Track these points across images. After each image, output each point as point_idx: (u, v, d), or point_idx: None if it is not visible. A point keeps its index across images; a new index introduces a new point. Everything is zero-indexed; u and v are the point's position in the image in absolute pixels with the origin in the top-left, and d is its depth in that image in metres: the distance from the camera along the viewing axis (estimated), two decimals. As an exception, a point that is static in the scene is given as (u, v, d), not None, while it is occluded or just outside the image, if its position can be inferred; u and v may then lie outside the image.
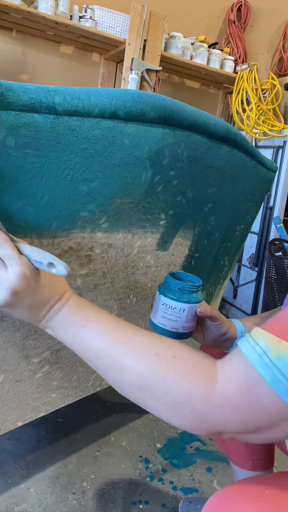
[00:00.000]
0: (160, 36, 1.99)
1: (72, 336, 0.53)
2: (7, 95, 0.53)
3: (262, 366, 0.43)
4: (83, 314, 0.54)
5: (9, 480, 1.10)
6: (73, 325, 0.53)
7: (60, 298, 0.55)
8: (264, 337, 0.45)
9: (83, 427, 1.34)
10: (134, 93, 0.67)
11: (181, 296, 0.70)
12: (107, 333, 0.52)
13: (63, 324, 0.54)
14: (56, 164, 0.62)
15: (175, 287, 0.70)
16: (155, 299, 0.74)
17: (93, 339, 0.52)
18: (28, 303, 0.52)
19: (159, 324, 0.72)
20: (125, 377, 0.49)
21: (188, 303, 0.70)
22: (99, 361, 0.51)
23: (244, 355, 0.45)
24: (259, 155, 0.99)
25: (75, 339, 0.53)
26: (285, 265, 1.87)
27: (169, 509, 1.07)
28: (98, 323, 0.53)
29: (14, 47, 1.99)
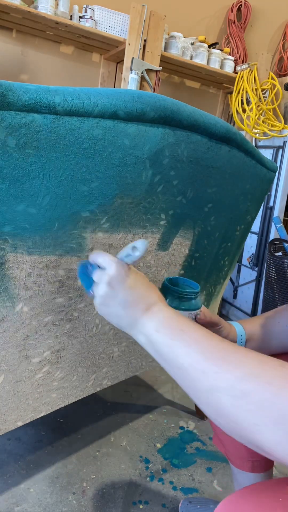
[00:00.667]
0: (160, 36, 1.99)
1: (169, 342, 0.49)
2: (7, 95, 0.53)
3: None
4: (180, 319, 0.52)
5: (9, 480, 1.10)
6: (172, 328, 0.50)
7: (156, 301, 0.55)
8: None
9: (83, 427, 1.34)
10: (134, 93, 0.67)
11: (180, 303, 0.68)
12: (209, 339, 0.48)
13: (161, 326, 0.51)
14: (56, 164, 0.62)
15: (174, 294, 0.68)
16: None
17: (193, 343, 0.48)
18: (123, 299, 0.54)
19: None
20: (225, 382, 0.43)
21: (188, 311, 0.69)
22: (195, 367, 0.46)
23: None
24: (259, 155, 0.99)
25: (172, 346, 0.49)
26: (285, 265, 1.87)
27: (169, 509, 1.07)
28: (195, 334, 0.49)
29: (14, 47, 1.99)
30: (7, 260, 0.65)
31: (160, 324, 0.51)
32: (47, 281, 0.72)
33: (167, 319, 0.52)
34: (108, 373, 1.04)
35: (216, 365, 0.44)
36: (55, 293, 0.75)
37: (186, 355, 0.47)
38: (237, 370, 0.43)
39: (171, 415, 1.47)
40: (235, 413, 0.41)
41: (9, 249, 0.64)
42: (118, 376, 1.08)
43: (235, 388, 0.42)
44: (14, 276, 0.67)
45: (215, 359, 0.45)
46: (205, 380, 0.44)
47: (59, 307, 0.77)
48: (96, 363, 0.96)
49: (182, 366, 0.47)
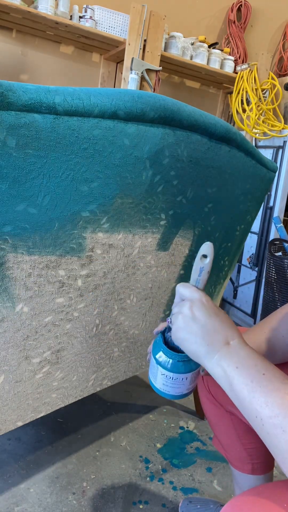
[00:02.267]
0: (160, 36, 1.99)
1: (247, 381, 0.48)
2: (7, 95, 0.53)
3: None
4: (262, 361, 0.49)
5: (9, 480, 1.10)
6: (249, 370, 0.49)
7: (238, 335, 0.53)
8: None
9: (83, 427, 1.34)
10: (134, 93, 0.67)
11: (181, 367, 0.62)
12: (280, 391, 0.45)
13: (240, 365, 0.49)
14: (57, 164, 0.62)
15: (173, 359, 0.62)
16: (151, 364, 0.66)
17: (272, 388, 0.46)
18: (204, 324, 0.53)
19: (161, 390, 0.65)
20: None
21: (190, 372, 0.63)
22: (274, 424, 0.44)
23: None
24: (259, 155, 0.99)
25: (251, 382, 0.48)
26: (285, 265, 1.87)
27: (169, 509, 1.07)
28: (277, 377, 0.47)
29: (14, 47, 1.99)
30: (7, 260, 0.65)
31: (241, 361, 0.50)
32: (47, 281, 0.72)
33: (249, 358, 0.50)
34: (108, 373, 1.04)
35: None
36: (55, 293, 0.75)
37: (265, 405, 0.45)
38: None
39: (171, 415, 1.47)
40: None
41: (9, 249, 0.64)
42: (118, 376, 1.08)
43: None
44: (14, 276, 0.67)
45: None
46: (284, 440, 0.42)
47: (59, 307, 0.77)
48: (96, 363, 0.96)
49: (260, 416, 0.45)
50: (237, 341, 0.52)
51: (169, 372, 0.62)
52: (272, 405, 0.44)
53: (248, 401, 0.47)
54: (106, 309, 0.88)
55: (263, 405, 0.45)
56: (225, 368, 0.50)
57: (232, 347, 0.52)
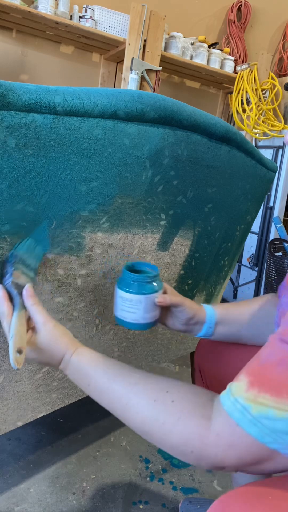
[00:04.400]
0: (160, 36, 1.99)
1: (85, 390, 0.61)
2: (7, 95, 0.53)
3: (246, 423, 0.46)
4: (85, 374, 0.60)
5: (9, 480, 1.10)
6: (81, 382, 0.61)
7: (60, 360, 0.62)
8: (242, 393, 0.47)
9: (83, 427, 1.34)
10: (134, 93, 0.67)
11: (136, 288, 0.70)
12: (109, 390, 0.57)
13: (74, 379, 0.62)
14: (56, 164, 0.62)
15: (129, 279, 0.70)
16: (114, 293, 0.74)
17: (100, 395, 0.58)
18: (38, 361, 0.62)
19: (120, 317, 0.72)
20: (132, 424, 0.55)
21: (144, 294, 0.70)
22: (111, 410, 0.57)
23: (227, 413, 0.48)
24: (259, 155, 0.99)
25: (88, 392, 0.60)
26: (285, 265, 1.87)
27: (169, 509, 1.07)
28: (98, 382, 0.59)
29: (14, 47, 1.99)
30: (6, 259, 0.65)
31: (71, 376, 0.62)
32: (45, 279, 0.72)
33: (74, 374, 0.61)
34: (108, 373, 1.04)
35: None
36: (54, 292, 0.75)
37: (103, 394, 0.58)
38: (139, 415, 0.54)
39: (171, 415, 1.46)
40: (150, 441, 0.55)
41: (8, 248, 0.64)
42: (118, 376, 1.08)
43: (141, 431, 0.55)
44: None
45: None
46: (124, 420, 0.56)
47: (58, 307, 0.77)
48: (96, 363, 0.96)
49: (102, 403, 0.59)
50: (62, 366, 0.62)
51: (125, 293, 0.70)
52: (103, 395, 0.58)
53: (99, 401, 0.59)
54: (106, 309, 0.88)
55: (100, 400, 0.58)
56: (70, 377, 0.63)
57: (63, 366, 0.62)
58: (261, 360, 0.49)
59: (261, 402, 0.45)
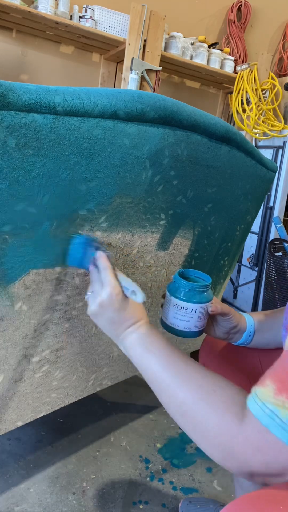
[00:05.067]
0: (160, 36, 1.99)
1: (139, 356, 0.61)
2: (7, 95, 0.53)
3: (275, 427, 0.46)
4: (151, 340, 0.62)
5: (9, 480, 1.10)
6: (141, 347, 0.62)
7: (136, 322, 0.64)
8: (269, 398, 0.47)
9: (83, 427, 1.34)
10: (134, 93, 0.67)
11: (192, 297, 0.71)
12: (164, 360, 0.59)
13: (134, 345, 0.63)
14: (56, 164, 0.62)
15: (185, 288, 0.71)
16: (166, 300, 0.74)
17: (153, 363, 0.59)
18: (110, 317, 0.63)
19: (171, 325, 0.73)
20: (172, 402, 0.56)
21: (200, 303, 0.71)
22: (155, 383, 0.59)
23: (256, 418, 0.48)
24: (259, 155, 0.99)
25: (141, 361, 0.61)
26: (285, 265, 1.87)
27: (169, 509, 1.07)
28: (159, 350, 0.60)
29: (14, 47, 1.99)
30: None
31: (134, 341, 0.63)
32: (45, 278, 0.72)
33: (141, 338, 0.63)
34: (108, 373, 1.04)
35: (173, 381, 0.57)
36: (53, 290, 0.75)
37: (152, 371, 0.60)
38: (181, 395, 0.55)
39: (171, 415, 1.46)
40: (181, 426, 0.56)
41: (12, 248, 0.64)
42: (118, 376, 1.08)
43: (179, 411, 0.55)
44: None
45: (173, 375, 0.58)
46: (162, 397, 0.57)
47: (57, 305, 0.77)
48: (96, 363, 0.97)
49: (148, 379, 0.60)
50: (135, 326, 0.64)
51: (180, 301, 0.71)
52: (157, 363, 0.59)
53: (144, 372, 0.60)
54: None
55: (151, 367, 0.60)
56: (124, 347, 0.64)
57: (130, 331, 0.64)
58: (286, 367, 0.49)
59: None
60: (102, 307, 0.63)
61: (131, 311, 0.64)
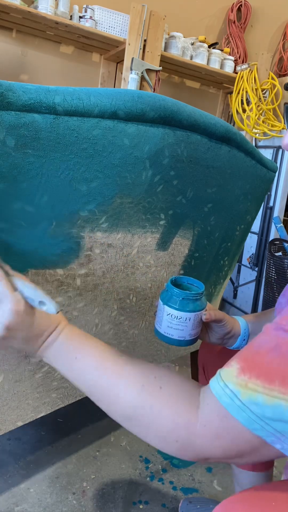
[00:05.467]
0: (160, 36, 1.99)
1: (67, 367, 0.56)
2: (7, 95, 0.53)
3: (235, 409, 0.45)
4: (76, 346, 0.56)
5: (9, 480, 1.10)
6: (66, 357, 0.56)
7: (53, 330, 0.56)
8: (232, 378, 0.46)
9: (83, 427, 1.34)
10: (134, 93, 0.67)
11: (185, 305, 0.69)
12: (98, 365, 0.54)
13: (58, 356, 0.56)
14: (56, 164, 0.62)
15: (178, 296, 0.69)
16: (158, 308, 0.73)
17: (85, 371, 0.54)
18: (23, 336, 0.54)
19: (165, 334, 0.71)
20: (115, 407, 0.52)
21: (194, 312, 0.69)
22: (92, 391, 0.54)
23: (216, 398, 0.47)
24: (259, 155, 0.99)
25: (70, 370, 0.56)
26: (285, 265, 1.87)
27: (169, 509, 1.07)
28: (89, 355, 0.55)
29: (14, 47, 1.99)
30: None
31: (54, 354, 0.56)
32: (45, 279, 0.72)
33: (61, 347, 0.56)
34: (108, 373, 1.03)
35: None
36: (54, 292, 0.75)
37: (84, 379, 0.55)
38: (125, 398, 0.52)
39: (171, 415, 1.46)
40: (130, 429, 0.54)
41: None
42: (118, 376, 1.08)
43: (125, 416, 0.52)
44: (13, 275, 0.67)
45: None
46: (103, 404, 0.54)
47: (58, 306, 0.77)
48: (96, 363, 0.96)
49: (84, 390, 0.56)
50: (50, 338, 0.56)
51: (174, 310, 0.69)
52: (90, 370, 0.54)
53: (78, 383, 0.56)
54: (106, 309, 0.88)
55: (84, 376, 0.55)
56: (53, 365, 0.58)
57: (46, 345, 0.56)
58: (254, 347, 0.48)
59: (251, 387, 0.44)
60: (10, 330, 0.52)
61: (42, 321, 0.55)
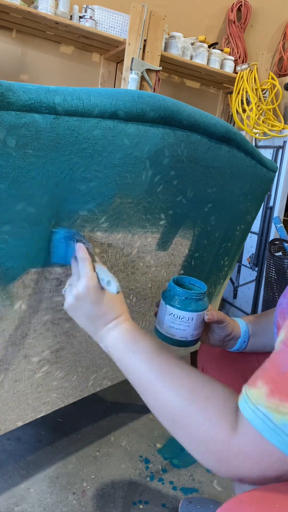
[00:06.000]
0: (160, 36, 1.99)
1: (121, 357, 0.58)
2: (7, 95, 0.53)
3: (268, 432, 0.44)
4: (134, 339, 0.59)
5: (9, 480, 1.10)
6: (124, 347, 0.58)
7: (116, 317, 0.61)
8: (262, 401, 0.46)
9: (83, 427, 1.34)
10: (134, 93, 0.67)
11: (188, 305, 0.68)
12: (151, 362, 0.56)
13: (115, 343, 0.59)
14: (56, 164, 0.62)
15: (181, 296, 0.68)
16: (160, 308, 0.72)
17: (139, 365, 0.56)
18: (87, 311, 0.60)
19: (167, 334, 0.70)
20: (161, 406, 0.53)
21: (196, 312, 0.69)
22: (140, 386, 0.55)
23: (249, 423, 0.46)
24: (259, 155, 0.99)
25: (124, 360, 0.58)
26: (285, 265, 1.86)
27: (169, 509, 1.07)
28: (145, 351, 0.57)
29: (14, 47, 1.99)
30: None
31: (115, 339, 0.59)
32: (44, 278, 0.72)
33: (123, 335, 0.59)
34: (108, 373, 1.04)
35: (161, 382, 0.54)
36: (53, 291, 0.75)
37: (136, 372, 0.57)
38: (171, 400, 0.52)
39: (171, 415, 1.46)
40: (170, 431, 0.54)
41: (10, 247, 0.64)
42: (118, 376, 1.08)
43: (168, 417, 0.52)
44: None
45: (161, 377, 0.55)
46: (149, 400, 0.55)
47: (58, 306, 0.77)
48: (96, 363, 0.96)
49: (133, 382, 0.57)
50: (115, 322, 0.61)
51: (176, 310, 0.68)
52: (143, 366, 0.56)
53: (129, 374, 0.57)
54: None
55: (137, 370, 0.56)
56: (105, 345, 0.61)
57: (109, 328, 0.61)
58: (279, 367, 0.47)
59: (283, 411, 0.44)
60: (79, 299, 0.60)
61: (110, 304, 0.61)
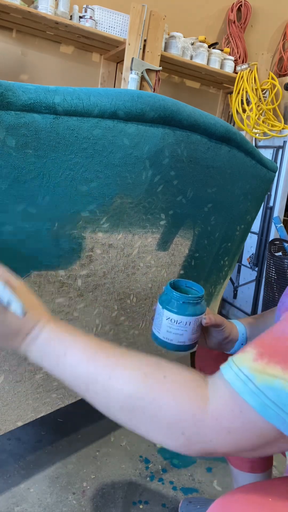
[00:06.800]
0: (160, 36, 1.99)
1: (55, 365, 0.51)
2: (7, 95, 0.53)
3: (248, 393, 0.42)
4: (62, 341, 0.52)
5: (9, 480, 1.10)
6: (53, 354, 0.51)
7: (32, 327, 0.52)
8: (247, 362, 0.44)
9: (83, 427, 1.34)
10: (134, 93, 0.67)
11: (186, 309, 0.67)
12: (90, 358, 0.50)
13: (43, 353, 0.52)
14: (56, 164, 0.62)
15: (179, 300, 0.67)
16: (157, 312, 0.71)
17: (77, 367, 0.50)
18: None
19: (164, 339, 0.69)
20: (114, 400, 0.47)
21: (194, 316, 0.68)
22: (86, 388, 0.49)
23: (229, 383, 0.44)
24: (259, 155, 0.99)
25: (58, 368, 0.51)
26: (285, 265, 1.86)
27: (169, 509, 1.07)
28: (79, 349, 0.51)
29: (14, 47, 1.99)
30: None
31: (40, 350, 0.52)
32: (47, 281, 0.72)
33: (48, 341, 0.52)
34: (108, 373, 1.03)
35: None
36: (55, 293, 0.75)
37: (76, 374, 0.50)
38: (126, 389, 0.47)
39: (171, 415, 1.46)
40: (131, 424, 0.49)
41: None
42: (118, 376, 1.08)
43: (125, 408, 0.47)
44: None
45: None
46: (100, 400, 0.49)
47: (59, 307, 0.77)
48: (96, 363, 0.96)
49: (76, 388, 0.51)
50: (32, 334, 0.52)
51: (173, 314, 0.67)
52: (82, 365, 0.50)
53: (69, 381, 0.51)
54: (106, 309, 0.88)
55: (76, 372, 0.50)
56: (39, 363, 0.53)
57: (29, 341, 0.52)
58: (274, 333, 0.45)
59: (270, 373, 0.42)
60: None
61: (17, 319, 0.52)
